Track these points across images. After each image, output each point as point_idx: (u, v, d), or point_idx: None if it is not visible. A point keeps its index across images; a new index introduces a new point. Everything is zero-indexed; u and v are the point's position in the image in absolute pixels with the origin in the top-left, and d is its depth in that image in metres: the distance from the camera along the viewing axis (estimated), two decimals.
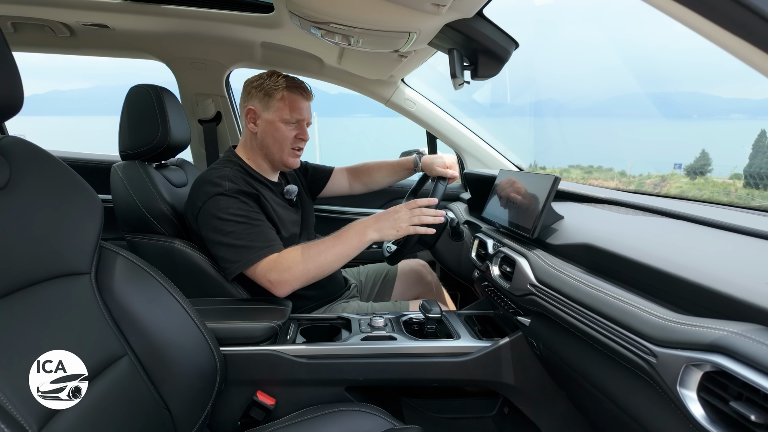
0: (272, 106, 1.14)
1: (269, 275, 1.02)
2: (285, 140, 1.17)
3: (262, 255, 1.02)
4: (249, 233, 1.04)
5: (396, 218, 1.02)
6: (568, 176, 3.16)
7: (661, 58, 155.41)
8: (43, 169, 0.72)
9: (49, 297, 0.67)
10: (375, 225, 1.03)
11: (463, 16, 0.88)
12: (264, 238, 1.05)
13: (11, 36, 1.55)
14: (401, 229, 1.02)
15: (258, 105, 1.15)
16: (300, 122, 1.18)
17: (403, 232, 1.02)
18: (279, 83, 1.14)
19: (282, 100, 1.14)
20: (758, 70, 0.43)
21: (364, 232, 1.03)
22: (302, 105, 1.17)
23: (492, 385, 1.03)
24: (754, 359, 0.41)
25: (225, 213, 1.04)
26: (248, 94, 1.17)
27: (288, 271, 1.01)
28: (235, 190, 1.06)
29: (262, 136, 1.17)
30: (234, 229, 1.03)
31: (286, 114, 1.14)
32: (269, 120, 1.15)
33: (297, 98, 1.15)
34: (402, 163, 1.47)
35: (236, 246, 1.02)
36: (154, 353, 0.76)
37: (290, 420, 0.88)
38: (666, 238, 0.75)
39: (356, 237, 1.03)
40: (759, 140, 1.77)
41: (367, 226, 1.03)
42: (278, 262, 1.02)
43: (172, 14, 1.41)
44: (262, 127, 1.16)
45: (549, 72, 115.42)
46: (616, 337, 0.59)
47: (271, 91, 1.14)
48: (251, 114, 1.16)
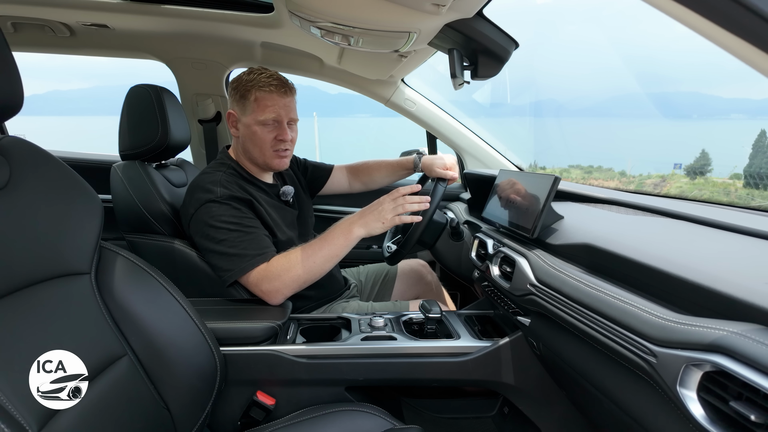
0: (247, 108, 1.09)
1: (261, 285, 1.00)
2: (264, 143, 1.10)
3: (255, 263, 1.00)
4: (242, 241, 1.01)
5: (380, 210, 1.00)
6: (568, 176, 3.16)
7: (661, 58, 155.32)
8: (43, 169, 0.72)
9: (49, 297, 0.67)
10: (360, 221, 1.01)
11: (463, 16, 0.88)
12: (257, 246, 1.02)
13: (11, 36, 1.55)
14: (387, 221, 0.99)
15: (236, 108, 1.11)
16: (279, 122, 1.10)
17: (388, 223, 0.99)
18: (253, 82, 1.07)
19: (256, 101, 1.07)
20: (758, 70, 0.43)
21: (349, 230, 1.00)
22: (277, 102, 1.08)
23: (492, 385, 1.03)
24: (754, 359, 0.41)
25: (217, 221, 1.02)
26: (229, 96, 1.14)
27: (278, 279, 0.99)
28: (227, 196, 1.04)
29: (243, 141, 1.13)
30: (226, 237, 1.01)
31: (260, 115, 1.08)
32: (247, 124, 1.10)
33: (271, 96, 1.08)
34: (402, 163, 1.47)
35: (229, 254, 1.00)
36: (154, 353, 0.76)
37: (290, 420, 0.88)
38: (666, 238, 0.75)
39: (342, 236, 1.01)
40: (759, 140, 1.77)
41: (352, 223, 1.01)
42: (268, 270, 1.00)
43: (172, 14, 1.41)
44: (242, 131, 1.12)
45: (549, 72, 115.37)
46: (616, 337, 0.59)
47: (245, 92, 1.08)
48: (231, 118, 1.13)
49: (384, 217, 0.99)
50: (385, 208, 1.00)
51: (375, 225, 0.99)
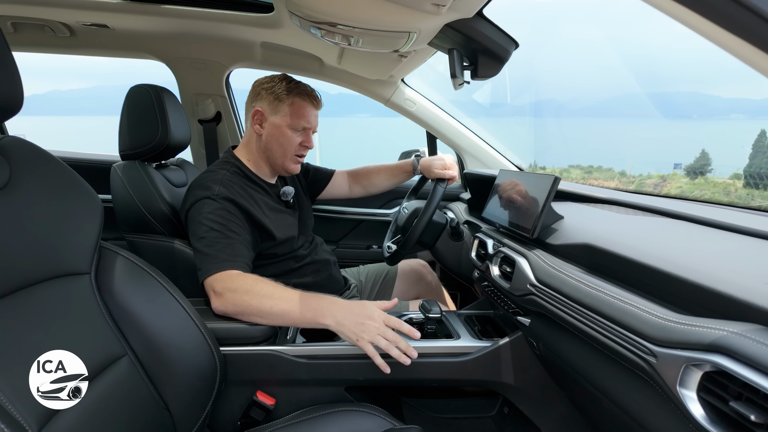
0: (281, 110, 1.14)
1: (216, 285, 0.94)
2: (290, 146, 1.16)
3: (222, 267, 0.95)
4: (218, 242, 0.98)
5: (364, 326, 0.87)
6: (568, 176, 3.15)
7: (661, 57, 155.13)
8: (43, 169, 0.72)
9: (49, 297, 0.67)
10: (339, 315, 0.88)
11: (463, 16, 0.88)
12: (230, 252, 0.98)
13: (11, 36, 1.55)
14: (360, 340, 0.86)
15: (266, 107, 1.15)
16: (306, 130, 1.18)
17: (360, 343, 0.86)
18: (290, 88, 1.14)
19: (292, 105, 1.14)
20: (758, 70, 0.43)
21: (323, 314, 0.89)
22: (310, 113, 1.17)
23: (492, 385, 1.03)
24: (754, 359, 0.41)
25: (204, 218, 1.01)
26: (257, 95, 1.16)
27: (232, 292, 0.92)
28: (223, 195, 1.04)
29: (267, 139, 1.16)
30: (206, 236, 0.99)
31: (294, 120, 1.14)
32: (276, 124, 1.15)
33: (306, 106, 1.15)
34: (401, 166, 1.47)
35: (203, 253, 0.98)
36: (154, 353, 0.76)
37: (290, 420, 0.89)
38: (666, 238, 0.75)
39: (313, 312, 0.90)
40: (759, 140, 1.77)
41: (332, 311, 0.89)
42: (231, 278, 0.94)
43: (172, 14, 1.41)
44: (268, 130, 1.16)
45: (549, 72, 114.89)
46: (616, 337, 0.59)
47: (281, 96, 1.13)
48: (258, 115, 1.15)
49: (360, 336, 0.86)
50: (368, 328, 0.87)
51: (347, 333, 0.87)
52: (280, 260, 1.18)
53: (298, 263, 1.22)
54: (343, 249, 1.96)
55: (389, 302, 0.94)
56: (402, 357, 0.87)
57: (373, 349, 0.86)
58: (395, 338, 0.87)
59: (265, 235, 1.13)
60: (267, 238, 1.13)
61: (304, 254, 1.24)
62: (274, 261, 1.17)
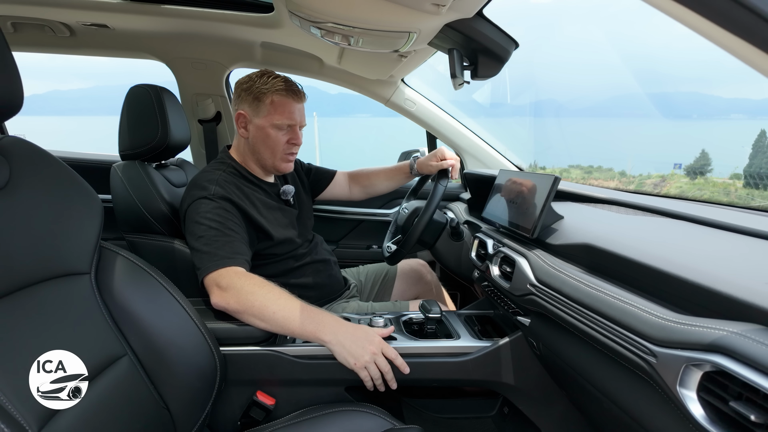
0: (262, 110, 1.10)
1: (221, 281, 0.93)
2: (277, 146, 1.13)
3: (223, 264, 0.95)
4: (216, 240, 0.98)
5: (363, 350, 0.88)
6: (568, 176, 3.16)
7: (661, 57, 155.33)
8: (43, 169, 0.72)
9: (49, 297, 0.67)
10: (340, 335, 0.89)
11: (463, 16, 0.88)
12: (230, 250, 0.98)
13: (11, 36, 1.55)
14: (357, 363, 0.87)
15: (248, 109, 1.12)
16: (292, 127, 1.14)
17: (357, 366, 0.88)
18: (269, 86, 1.09)
19: (272, 104, 1.10)
20: (758, 70, 0.43)
21: (324, 330, 0.89)
22: (293, 108, 1.12)
23: (492, 385, 1.03)
24: (754, 359, 0.41)
25: (202, 217, 1.01)
26: (238, 97, 1.13)
27: (237, 289, 0.92)
28: (219, 195, 1.04)
29: (254, 142, 1.14)
30: (204, 234, 0.99)
31: (277, 119, 1.10)
32: (260, 125, 1.11)
33: (288, 102, 1.11)
34: (399, 168, 1.47)
35: (202, 251, 0.97)
36: (154, 353, 0.76)
37: (290, 420, 0.88)
38: (666, 238, 0.75)
39: (315, 326, 0.90)
40: (759, 140, 1.77)
41: (334, 329, 0.90)
42: (237, 275, 0.94)
43: (172, 14, 1.41)
44: (252, 132, 1.13)
45: (549, 71, 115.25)
46: (616, 337, 0.59)
47: (260, 95, 1.10)
48: (241, 119, 1.13)
49: (357, 359, 0.88)
50: (365, 353, 0.88)
51: (345, 355, 0.88)
52: (279, 260, 1.18)
53: (298, 263, 1.22)
54: (343, 249, 1.96)
55: (387, 329, 0.97)
56: (382, 387, 0.91)
57: (367, 375, 0.88)
58: (386, 368, 0.89)
59: (262, 235, 1.12)
60: (264, 238, 1.13)
61: (303, 254, 1.23)
62: (273, 261, 1.17)
